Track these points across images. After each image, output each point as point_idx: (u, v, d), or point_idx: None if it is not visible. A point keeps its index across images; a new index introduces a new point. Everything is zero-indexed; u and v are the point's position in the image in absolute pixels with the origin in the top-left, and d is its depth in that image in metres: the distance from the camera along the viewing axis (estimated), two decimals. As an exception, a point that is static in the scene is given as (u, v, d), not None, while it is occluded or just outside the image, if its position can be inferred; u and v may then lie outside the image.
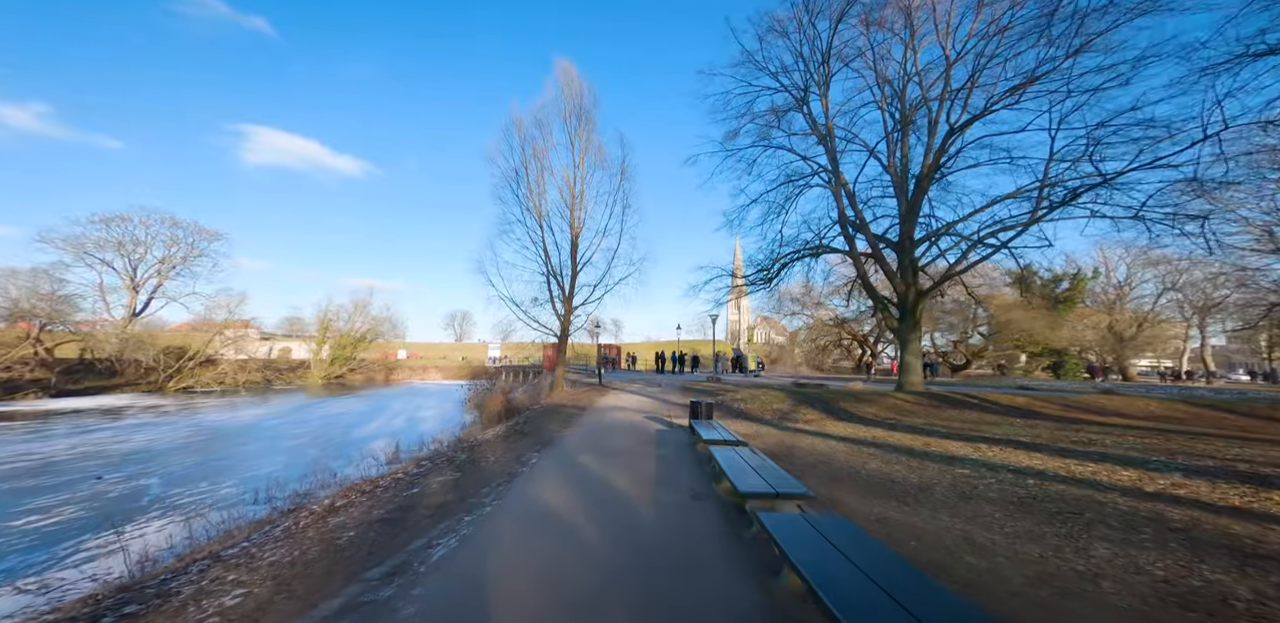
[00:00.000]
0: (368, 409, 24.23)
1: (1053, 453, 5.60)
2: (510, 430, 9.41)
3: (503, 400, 15.51)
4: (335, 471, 8.80)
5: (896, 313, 14.02)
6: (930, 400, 10.64)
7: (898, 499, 4.20)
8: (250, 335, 66.61)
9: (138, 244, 36.37)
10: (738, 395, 11.89)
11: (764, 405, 10.67)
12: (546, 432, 9.13)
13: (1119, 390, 18.35)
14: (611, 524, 3.92)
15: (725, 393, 13.99)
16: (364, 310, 52.36)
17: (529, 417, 11.49)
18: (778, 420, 9.56)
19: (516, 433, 9.07)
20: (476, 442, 8.28)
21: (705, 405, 8.38)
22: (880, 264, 14.47)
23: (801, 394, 11.76)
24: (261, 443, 13.91)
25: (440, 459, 6.72)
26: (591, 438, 8.23)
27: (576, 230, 18.29)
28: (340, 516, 4.43)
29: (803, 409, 10.22)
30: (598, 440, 7.98)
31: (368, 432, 16.47)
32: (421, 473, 6.00)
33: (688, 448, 7.46)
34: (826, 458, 6.22)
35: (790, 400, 10.96)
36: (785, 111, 16.18)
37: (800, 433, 8.24)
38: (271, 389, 38.60)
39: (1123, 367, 41.65)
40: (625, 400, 14.11)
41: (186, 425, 17.05)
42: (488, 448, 7.56)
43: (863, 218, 15.02)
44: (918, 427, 8.20)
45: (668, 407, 12.43)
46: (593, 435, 8.50)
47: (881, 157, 15.43)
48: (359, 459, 11.24)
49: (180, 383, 32.80)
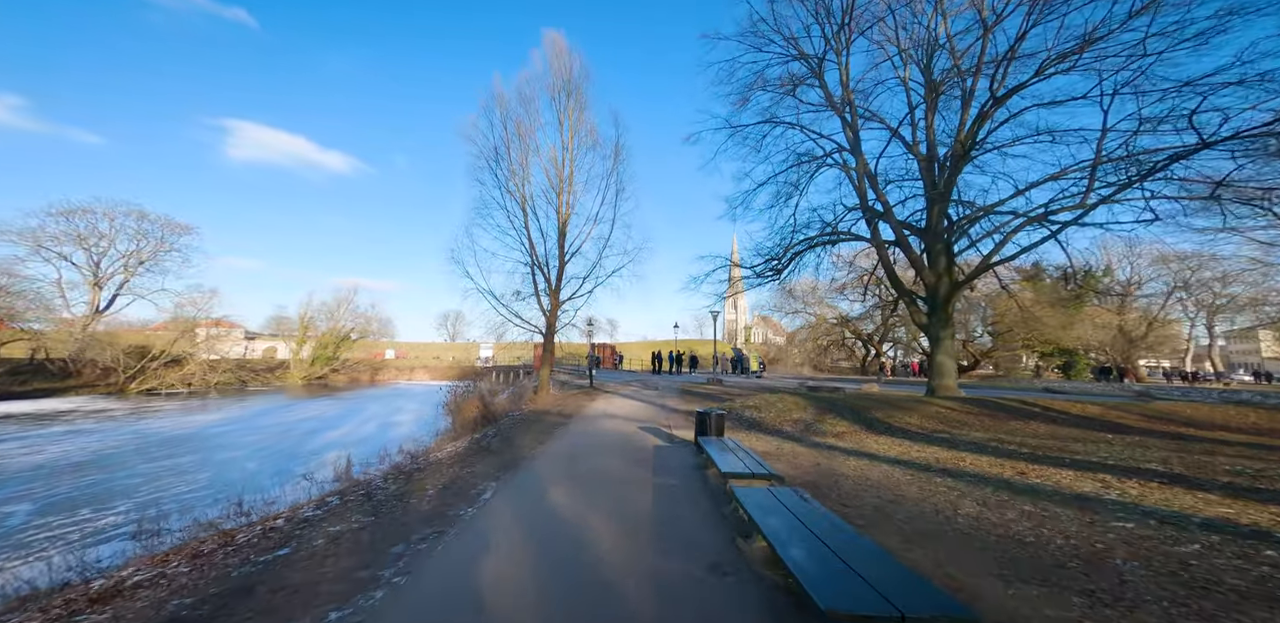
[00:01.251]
0: (338, 414, 22.30)
1: (1227, 492, 3.91)
2: (473, 447, 7.60)
3: (478, 406, 13.68)
4: (252, 493, 6.97)
5: (925, 307, 12.34)
6: (978, 408, 8.95)
7: (1077, 592, 2.45)
8: (234, 334, 64.37)
9: (101, 237, 34.20)
10: (748, 402, 10.14)
11: (781, 414, 8.93)
12: (517, 448, 7.33)
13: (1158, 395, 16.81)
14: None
15: (732, 398, 12.24)
16: (347, 308, 50.31)
17: (502, 428, 9.69)
18: (802, 434, 7.81)
19: (479, 451, 7.26)
20: (423, 464, 6.47)
21: (714, 417, 6.61)
22: (906, 252, 12.78)
23: (822, 400, 10.03)
24: (194, 455, 12.01)
25: (355, 495, 4.90)
26: (571, 459, 6.45)
27: (564, 217, 16.51)
28: (107, 612, 2.64)
29: (829, 419, 8.49)
30: (579, 462, 6.20)
31: (325, 441, 14.59)
32: (316, 519, 4.19)
33: (694, 473, 5.70)
34: (891, 494, 4.47)
35: (812, 408, 9.22)
36: (799, 82, 14.47)
37: (836, 452, 6.49)
38: (245, 391, 36.47)
39: (1134, 368, 40.39)
40: (618, 406, 12.33)
41: (122, 433, 15.09)
42: (433, 474, 5.76)
43: (886, 202, 13.35)
44: (984, 444, 6.48)
45: (666, 414, 10.67)
46: (573, 455, 6.72)
47: (905, 136, 13.77)
48: (294, 478, 9.41)
49: (143, 385, 30.66)
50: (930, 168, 12.97)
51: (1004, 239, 11.60)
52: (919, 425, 7.80)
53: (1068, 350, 36.72)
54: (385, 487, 5.12)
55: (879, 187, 13.56)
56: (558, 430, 8.90)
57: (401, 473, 5.72)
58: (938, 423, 7.89)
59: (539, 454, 6.79)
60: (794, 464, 5.97)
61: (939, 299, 11.82)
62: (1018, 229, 11.43)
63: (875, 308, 37.02)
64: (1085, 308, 35.74)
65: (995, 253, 11.63)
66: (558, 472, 5.72)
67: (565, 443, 7.62)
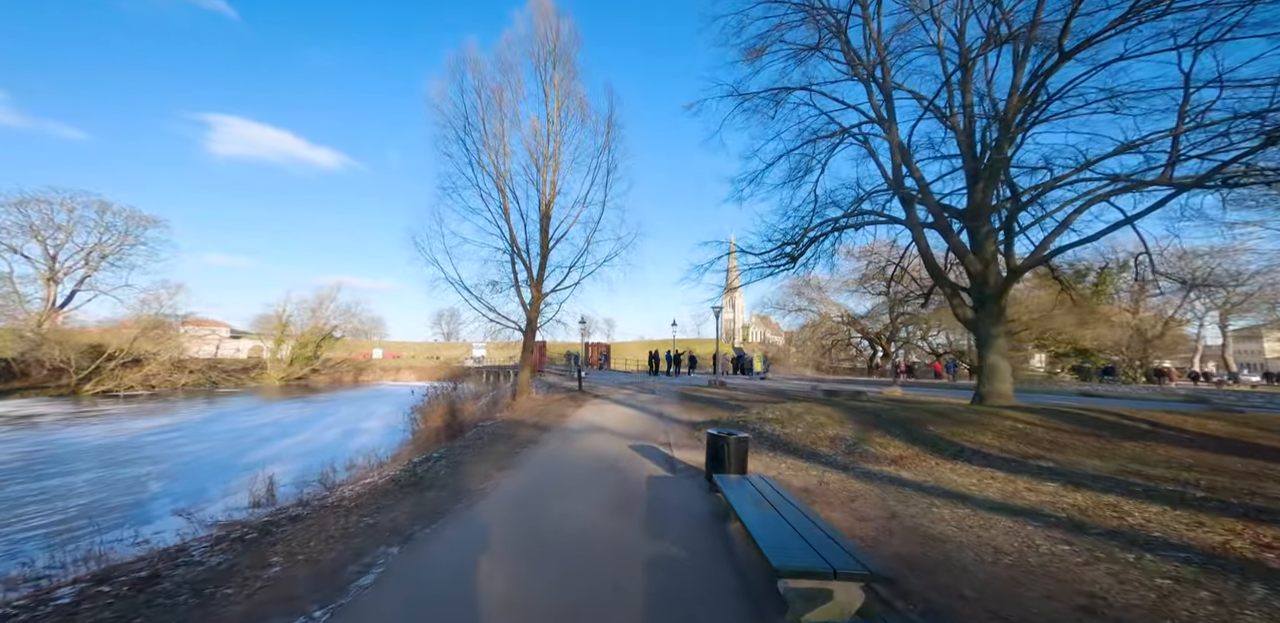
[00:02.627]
0: (302, 418, 20.24)
1: None
2: (404, 478, 5.61)
3: (444, 415, 11.70)
4: (102, 534, 5.00)
5: (970, 300, 10.45)
6: (1062, 423, 7.04)
7: None
8: (218, 333, 61.91)
9: (57, 229, 31.91)
10: (766, 413, 8.18)
11: (813, 430, 6.99)
12: (461, 481, 5.35)
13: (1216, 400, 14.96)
14: None
15: (743, 406, 10.31)
16: (330, 306, 48.09)
17: (457, 446, 7.72)
18: (847, 458, 5.88)
19: (408, 485, 5.27)
20: (308, 510, 4.47)
21: (733, 444, 4.67)
22: (946, 237, 10.89)
23: (854, 410, 8.11)
24: (94, 473, 9.95)
25: (126, 580, 2.88)
26: (529, 503, 4.49)
27: (548, 198, 14.55)
28: None
29: (876, 437, 6.56)
30: (538, 510, 4.25)
31: (269, 453, 12.56)
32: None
33: (709, 531, 3.77)
34: (1082, 597, 2.53)
35: (850, 422, 7.28)
36: (817, 45, 12.52)
37: (908, 490, 4.56)
38: (214, 393, 34.26)
39: (1148, 369, 38.81)
40: (607, 415, 10.38)
41: (25, 444, 12.98)
42: (304, 531, 3.77)
43: (923, 179, 11.43)
44: (1117, 479, 4.56)
45: (664, 426, 8.72)
46: (535, 495, 4.76)
47: (941, 107, 11.83)
48: (202, 503, 7.46)
49: (99, 386, 28.41)
50: (970, 143, 11.08)
51: (1065, 221, 9.70)
52: (999, 447, 5.89)
53: (1082, 351, 35.08)
54: (202, 562, 3.14)
55: (913, 163, 11.63)
56: (526, 451, 6.93)
57: (252, 531, 3.73)
58: (1023, 443, 6.00)
59: (486, 494, 4.82)
60: (856, 514, 4.03)
61: (988, 290, 9.93)
62: (1081, 210, 9.56)
63: (884, 305, 35.26)
64: (1100, 307, 34.08)
65: (1053, 238, 9.72)
66: (501, 530, 3.75)
67: (529, 473, 5.65)
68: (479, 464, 6.18)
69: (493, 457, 6.64)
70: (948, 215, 11.13)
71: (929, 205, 11.12)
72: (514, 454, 6.75)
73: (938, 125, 12.67)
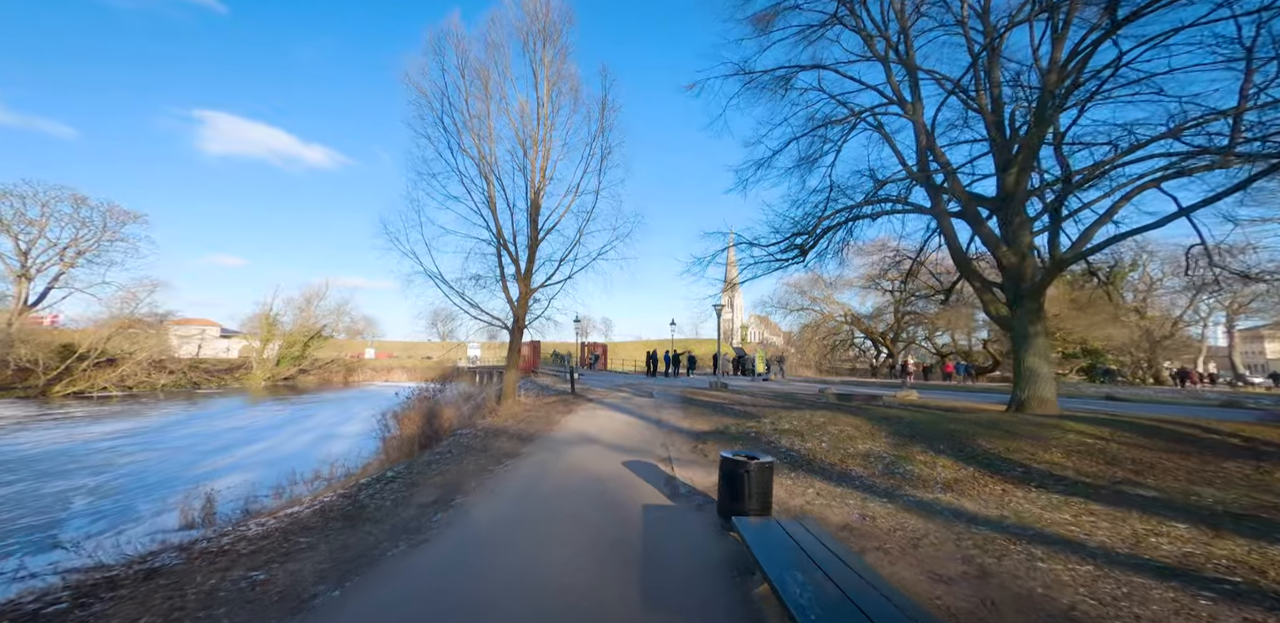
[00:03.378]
0: (276, 422, 19.05)
1: None
2: (340, 507, 4.48)
3: (420, 422, 10.56)
4: None
5: (1004, 295, 9.39)
6: (1135, 435, 5.95)
7: None
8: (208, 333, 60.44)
9: (29, 224, 30.58)
10: (781, 423, 7.07)
11: (839, 444, 5.88)
12: (416, 508, 4.23)
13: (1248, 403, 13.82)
14: None
15: (752, 412, 9.21)
16: (318, 305, 46.80)
17: (420, 463, 6.59)
18: (888, 482, 4.78)
19: (342, 517, 4.14)
20: (205, 548, 3.35)
21: (754, 472, 3.57)
22: (976, 228, 9.84)
23: (887, 420, 7.01)
24: (12, 488, 8.76)
25: None
26: (493, 542, 3.38)
27: (538, 186, 13.44)
28: None
29: (915, 453, 5.47)
30: (502, 554, 3.13)
31: (225, 463, 11.39)
32: None
33: (725, 587, 2.66)
34: None
35: (883, 435, 6.18)
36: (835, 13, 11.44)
37: (983, 528, 3.47)
38: (195, 394, 32.97)
39: (1156, 370, 38.00)
40: (600, 422, 9.27)
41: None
42: (159, 593, 2.65)
43: (949, 165, 10.36)
44: (1275, 519, 3.49)
45: (664, 436, 7.61)
46: (502, 530, 3.65)
47: (968, 89, 10.76)
48: (122, 525, 6.34)
49: (70, 387, 27.09)
50: (1000, 128, 10.02)
51: (1111, 209, 8.64)
52: (1075, 468, 4.81)
53: (1090, 351, 34.15)
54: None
55: (937, 147, 10.55)
56: (501, 469, 5.81)
57: (63, 600, 2.59)
58: (1100, 462, 4.92)
59: (437, 532, 3.69)
60: (927, 570, 2.92)
61: (1024, 285, 8.86)
62: (1130, 196, 8.52)
63: (889, 304, 34.22)
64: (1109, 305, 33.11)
65: (1097, 228, 8.64)
66: (440, 593, 2.63)
67: (498, 501, 4.53)
68: (439, 487, 5.05)
69: (459, 476, 5.52)
70: (976, 204, 10.07)
71: (956, 193, 10.06)
72: (485, 473, 5.63)
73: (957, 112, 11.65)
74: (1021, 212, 9.44)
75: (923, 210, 10.40)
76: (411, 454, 9.69)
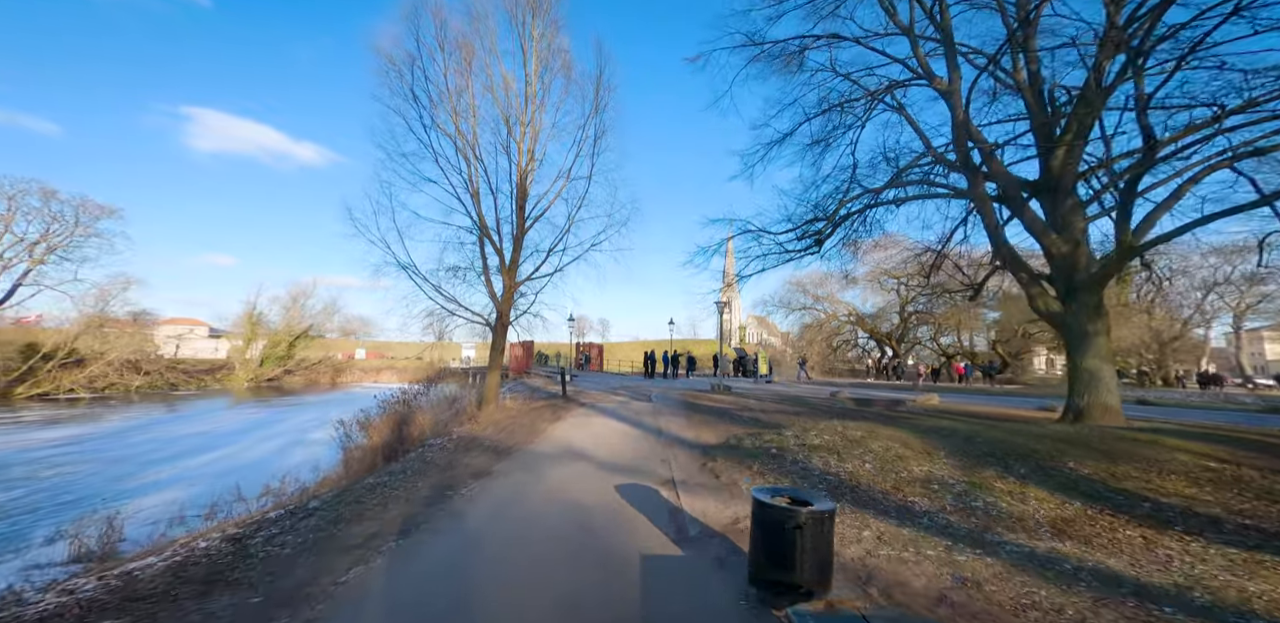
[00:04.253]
0: (245, 427, 17.74)
1: None
2: (214, 560, 3.23)
3: (387, 430, 9.30)
4: None
5: (1054, 289, 8.22)
6: (1247, 453, 4.77)
7: None
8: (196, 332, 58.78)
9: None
10: (809, 436, 5.83)
11: (888, 466, 4.67)
12: (322, 558, 2.99)
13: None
14: None
15: (765, 420, 7.99)
16: (305, 303, 45.29)
17: (360, 489, 5.33)
18: (965, 519, 3.58)
19: (200, 580, 2.91)
20: None
21: (809, 526, 2.33)
22: (1018, 213, 8.67)
23: (938, 434, 5.80)
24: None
25: None
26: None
27: (525, 170, 12.19)
28: None
29: (990, 479, 4.27)
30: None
31: (166, 476, 10.12)
32: None
33: None
34: None
35: (940, 453, 4.97)
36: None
37: (1176, 614, 2.25)
38: (171, 396, 31.53)
39: (1165, 373, 37.07)
40: (592, 430, 8.04)
41: None
42: None
43: (987, 143, 9.17)
44: None
45: (665, 449, 6.38)
46: (434, 602, 2.41)
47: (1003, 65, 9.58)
48: None
49: (36, 388, 25.63)
50: (1042, 105, 8.84)
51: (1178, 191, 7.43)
52: (1218, 502, 3.60)
53: (1104, 353, 33.11)
54: None
55: (972, 126, 9.32)
56: (460, 497, 4.57)
57: None
58: (1249, 496, 3.70)
59: (330, 613, 2.46)
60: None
61: (1079, 277, 7.69)
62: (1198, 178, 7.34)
63: (894, 304, 33.14)
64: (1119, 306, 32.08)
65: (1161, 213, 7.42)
66: None
67: (441, 547, 3.28)
68: (370, 524, 3.81)
69: (403, 507, 4.28)
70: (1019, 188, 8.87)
71: (997, 175, 8.89)
72: (439, 502, 4.39)
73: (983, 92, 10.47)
74: (1072, 194, 8.29)
75: (959, 194, 9.23)
76: (374, 467, 8.45)
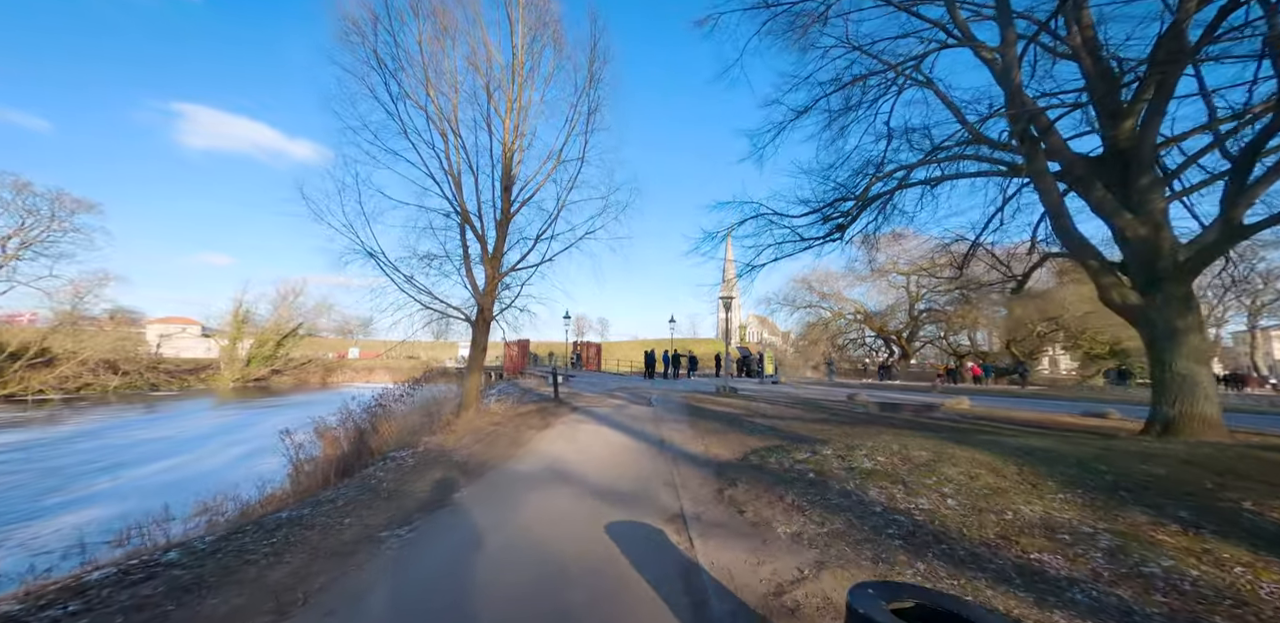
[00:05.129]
0: (211, 431, 16.50)
1: None
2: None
3: (348, 440, 8.05)
4: None
5: (1133, 280, 6.98)
6: None
7: None
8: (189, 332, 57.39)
9: (-37, 211, 27.78)
10: (857, 458, 4.58)
11: (981, 504, 3.43)
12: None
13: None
14: None
15: (792, 433, 6.74)
16: (295, 302, 43.99)
17: (270, 525, 4.04)
18: (1148, 600, 2.34)
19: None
20: None
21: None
22: (1086, 193, 7.40)
23: (1029, 457, 4.54)
24: None
25: None
26: None
27: (512, 148, 10.94)
28: None
29: (1144, 526, 3.06)
30: None
31: (102, 488, 8.90)
32: None
33: None
34: None
35: (1051, 486, 3.74)
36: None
37: None
38: (151, 396, 30.26)
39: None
40: (583, 442, 6.78)
41: None
42: None
43: (1043, 114, 7.85)
44: None
45: (670, 467, 5.12)
46: None
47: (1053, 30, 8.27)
48: None
49: (2, 389, 24.33)
50: (1103, 70, 7.53)
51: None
52: None
53: (1119, 352, 31.85)
54: None
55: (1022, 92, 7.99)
56: (396, 541, 3.31)
57: None
58: None
59: None
60: None
61: (1162, 265, 6.44)
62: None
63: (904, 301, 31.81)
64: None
65: (1262, 188, 6.16)
66: None
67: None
68: (242, 588, 2.56)
69: (306, 559, 3.02)
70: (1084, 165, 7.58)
71: (1055, 151, 7.61)
72: (358, 552, 3.14)
73: (1051, 56, 9.17)
74: (1150, 169, 7.05)
75: (1014, 171, 7.95)
76: (327, 482, 7.22)
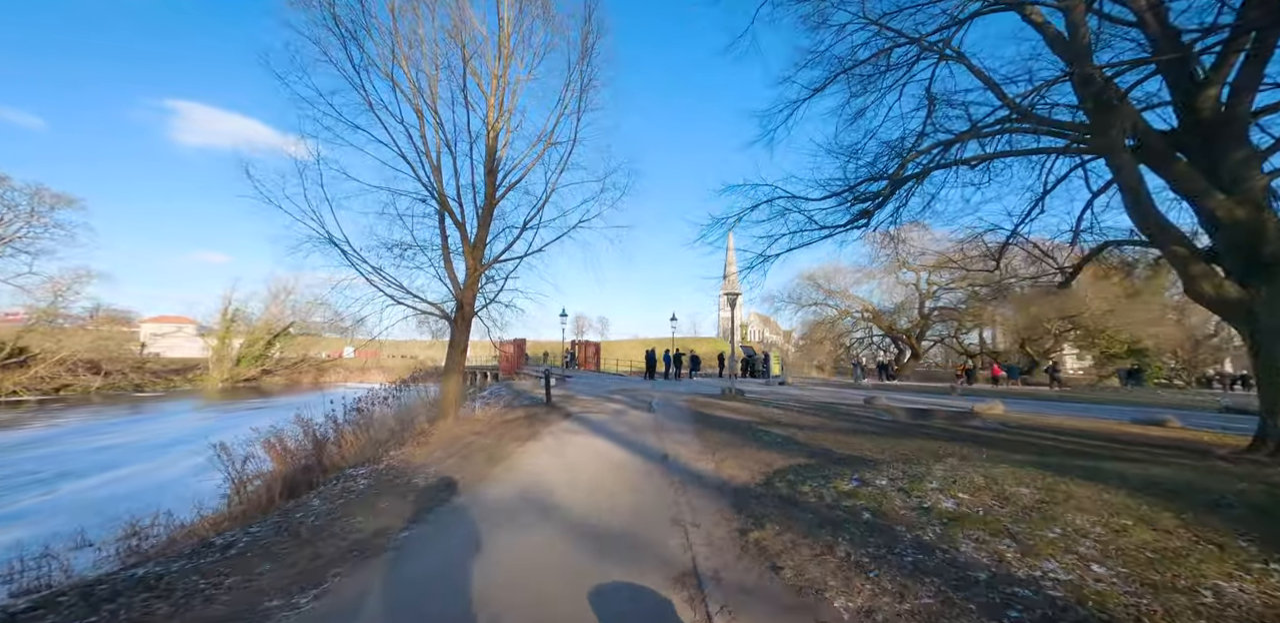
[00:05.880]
0: (178, 437, 15.49)
1: None
2: None
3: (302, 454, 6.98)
4: None
5: (1228, 270, 5.91)
6: None
7: None
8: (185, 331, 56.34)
9: (-63, 205, 26.73)
10: (919, 490, 3.54)
11: (1155, 579, 2.38)
12: None
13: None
14: None
15: (826, 454, 5.68)
16: (287, 301, 42.82)
17: (96, 596, 2.96)
18: None
19: None
20: None
21: None
22: (1165, 171, 6.31)
23: (1178, 498, 3.46)
24: None
25: None
26: None
27: (496, 128, 9.82)
28: None
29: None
30: None
31: (19, 508, 7.80)
32: None
33: None
34: None
35: (1241, 544, 2.65)
36: None
37: None
38: (133, 397, 29.23)
39: (1199, 374, 34.76)
40: (572, 458, 5.73)
41: None
42: None
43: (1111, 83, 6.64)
44: None
45: (676, 494, 4.05)
46: None
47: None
48: None
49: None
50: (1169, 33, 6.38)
51: None
52: None
53: (1136, 351, 30.76)
54: None
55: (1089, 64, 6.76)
56: (297, 611, 2.24)
57: None
58: None
59: None
60: None
61: (1268, 251, 5.38)
62: None
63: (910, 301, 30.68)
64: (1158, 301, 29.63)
65: None
66: None
67: None
68: None
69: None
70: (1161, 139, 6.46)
71: (1128, 123, 6.49)
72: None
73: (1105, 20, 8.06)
74: (1244, 142, 5.97)
75: (1079, 147, 6.82)
76: (272, 504, 6.16)
